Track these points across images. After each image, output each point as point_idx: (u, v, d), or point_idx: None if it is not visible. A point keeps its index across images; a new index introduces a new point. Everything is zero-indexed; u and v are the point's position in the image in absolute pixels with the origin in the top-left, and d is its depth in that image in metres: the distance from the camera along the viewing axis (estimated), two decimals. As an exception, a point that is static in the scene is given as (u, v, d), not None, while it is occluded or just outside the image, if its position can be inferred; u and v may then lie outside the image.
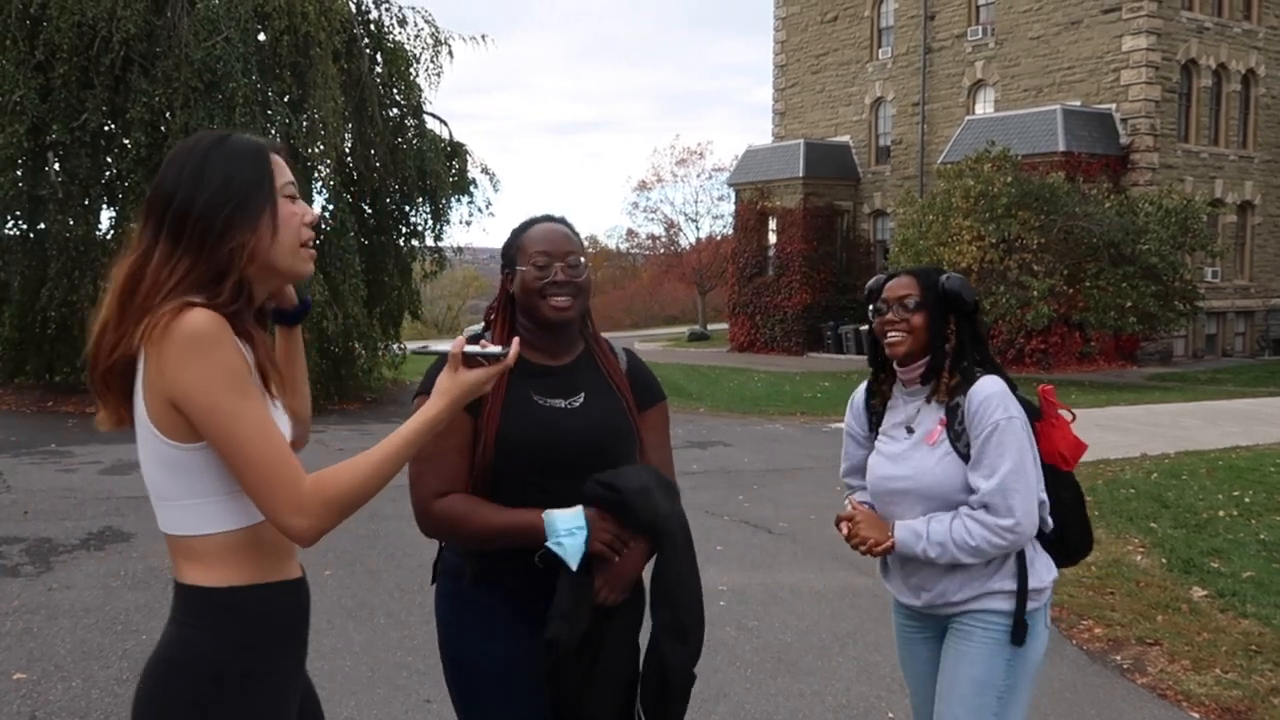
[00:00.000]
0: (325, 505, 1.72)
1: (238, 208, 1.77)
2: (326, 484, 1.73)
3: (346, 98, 16.34)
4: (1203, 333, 29.38)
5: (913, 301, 2.71)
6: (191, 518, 1.79)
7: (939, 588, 2.73)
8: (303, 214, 1.86)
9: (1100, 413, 16.11)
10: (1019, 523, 2.59)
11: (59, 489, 9.07)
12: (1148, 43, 27.33)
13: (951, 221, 22.46)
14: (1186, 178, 28.20)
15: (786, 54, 36.38)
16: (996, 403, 2.63)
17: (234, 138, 1.85)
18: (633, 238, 56.01)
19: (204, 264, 1.75)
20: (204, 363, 1.68)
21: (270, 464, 1.70)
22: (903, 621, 2.96)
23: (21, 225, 16.04)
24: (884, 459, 2.81)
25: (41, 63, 14.50)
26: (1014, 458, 2.60)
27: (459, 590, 2.42)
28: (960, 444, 2.66)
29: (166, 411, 1.73)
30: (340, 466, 1.75)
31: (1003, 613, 2.69)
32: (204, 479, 1.76)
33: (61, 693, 4.52)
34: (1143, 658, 5.15)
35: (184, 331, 1.68)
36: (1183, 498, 8.65)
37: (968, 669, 2.69)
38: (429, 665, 4.76)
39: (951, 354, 2.71)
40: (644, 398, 2.52)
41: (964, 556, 2.62)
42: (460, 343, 1.91)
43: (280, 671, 1.86)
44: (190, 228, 1.76)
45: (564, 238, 2.40)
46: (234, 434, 1.69)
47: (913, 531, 2.67)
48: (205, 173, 1.79)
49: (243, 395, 1.70)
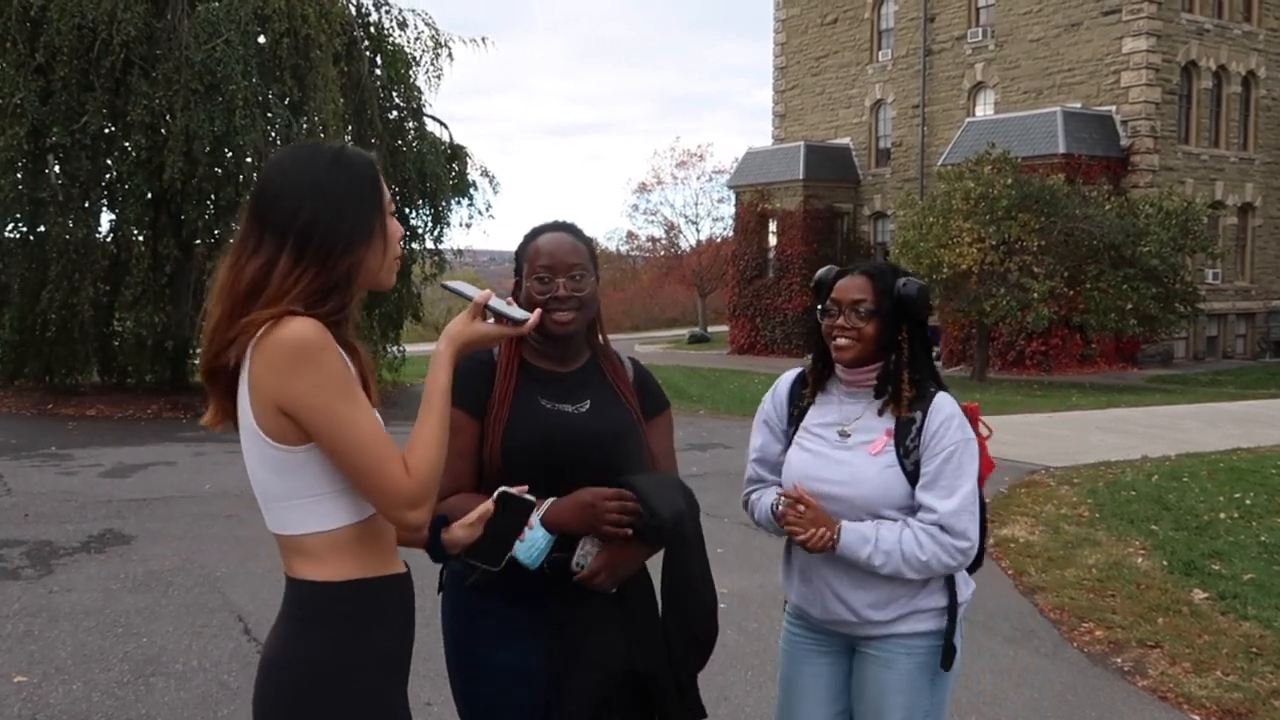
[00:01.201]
0: (424, 488, 1.81)
1: (358, 227, 1.84)
2: (416, 466, 1.81)
3: (346, 100, 16.34)
4: (1203, 335, 29.39)
5: (866, 308, 2.58)
6: (302, 516, 1.84)
7: (859, 601, 2.58)
8: (396, 230, 1.93)
9: (1101, 415, 16.11)
10: (972, 545, 2.53)
11: (59, 492, 9.07)
12: (1148, 44, 27.35)
13: (952, 223, 22.46)
14: (1187, 180, 28.22)
15: (786, 56, 36.40)
16: (957, 423, 2.57)
17: (349, 152, 1.89)
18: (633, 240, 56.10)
19: (324, 277, 1.81)
20: (314, 370, 1.74)
21: (384, 463, 1.77)
22: (796, 633, 2.77)
23: (22, 228, 16.04)
24: (810, 457, 2.65)
25: (42, 65, 14.50)
26: (972, 480, 2.56)
27: (462, 598, 2.41)
28: (909, 460, 2.55)
29: (274, 416, 1.77)
30: (412, 445, 1.83)
31: (926, 634, 2.59)
32: (312, 478, 1.81)
33: (62, 695, 4.52)
34: (1143, 660, 5.15)
35: (291, 340, 1.73)
36: (1183, 500, 8.65)
37: (895, 698, 2.58)
38: (429, 668, 4.75)
39: (906, 364, 2.60)
40: (650, 405, 2.52)
41: (908, 570, 2.51)
42: (487, 294, 1.95)
43: (387, 663, 1.89)
44: (316, 242, 1.81)
45: (569, 249, 2.38)
46: (349, 437, 1.76)
47: (861, 535, 2.51)
48: (329, 189, 1.83)
49: (353, 400, 1.77)
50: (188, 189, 14.50)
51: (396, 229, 1.91)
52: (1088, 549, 7.20)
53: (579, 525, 2.25)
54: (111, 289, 15.80)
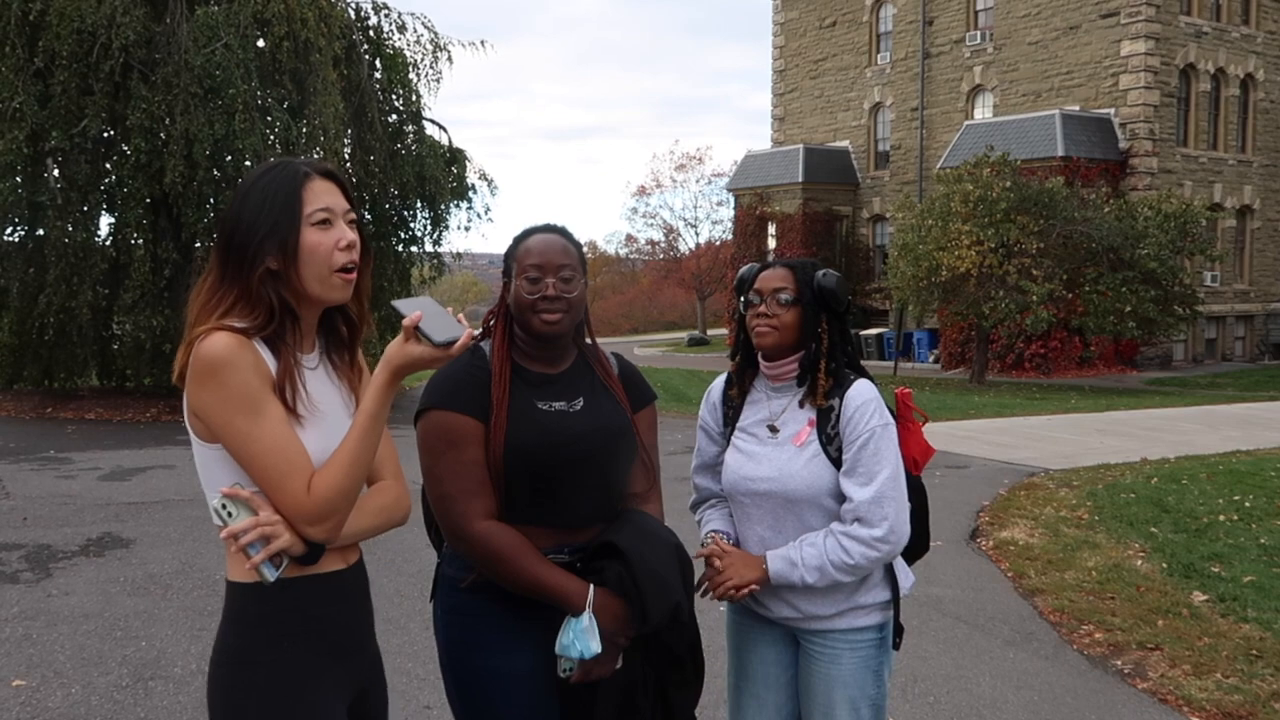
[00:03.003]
0: (323, 505, 1.88)
1: (266, 237, 1.90)
2: (318, 486, 1.88)
3: (346, 104, 16.34)
4: (1202, 337, 29.42)
5: (786, 296, 2.61)
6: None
7: (807, 607, 2.62)
8: (337, 240, 1.94)
9: (1100, 417, 16.11)
10: (892, 530, 2.52)
11: (58, 495, 9.06)
12: (1146, 47, 27.39)
13: (951, 226, 22.49)
14: (1185, 182, 28.25)
15: (785, 59, 36.44)
16: (873, 408, 2.58)
17: (277, 168, 1.97)
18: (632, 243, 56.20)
19: (242, 289, 1.91)
20: (216, 385, 1.84)
21: (283, 479, 1.86)
22: (744, 621, 2.78)
23: (20, 231, 16.05)
24: (744, 457, 2.68)
25: (41, 69, 14.51)
26: (891, 465, 2.56)
27: (458, 602, 2.41)
28: (832, 448, 2.58)
29: (193, 418, 1.92)
30: (325, 465, 1.90)
31: (869, 627, 2.64)
32: (224, 473, 1.91)
33: (61, 699, 4.51)
34: (1143, 662, 5.15)
35: (201, 355, 1.85)
36: (1183, 502, 8.65)
37: (842, 691, 2.62)
38: (428, 671, 4.76)
39: (825, 354, 2.62)
40: (636, 398, 2.54)
41: (843, 576, 2.54)
42: (416, 316, 1.93)
43: (303, 664, 1.93)
44: (233, 256, 1.92)
45: (559, 250, 2.38)
46: (248, 451, 1.86)
47: (787, 561, 2.55)
48: (247, 203, 1.93)
49: (253, 414, 1.85)
50: (187, 193, 14.50)
51: (325, 239, 1.92)
52: (1087, 551, 7.19)
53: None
54: (110, 292, 15.79)
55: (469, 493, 2.29)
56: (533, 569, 2.27)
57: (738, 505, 2.71)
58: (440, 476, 2.31)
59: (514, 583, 2.29)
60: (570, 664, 2.28)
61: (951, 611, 5.93)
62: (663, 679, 2.43)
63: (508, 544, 2.27)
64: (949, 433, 13.41)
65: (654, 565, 2.31)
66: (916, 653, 5.06)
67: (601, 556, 2.32)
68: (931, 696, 4.72)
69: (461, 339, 1.93)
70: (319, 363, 2.03)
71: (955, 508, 8.71)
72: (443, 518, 2.33)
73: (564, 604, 2.27)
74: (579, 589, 2.28)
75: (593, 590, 2.28)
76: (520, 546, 2.28)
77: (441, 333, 1.93)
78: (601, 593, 2.28)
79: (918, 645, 5.19)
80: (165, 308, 15.19)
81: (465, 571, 2.38)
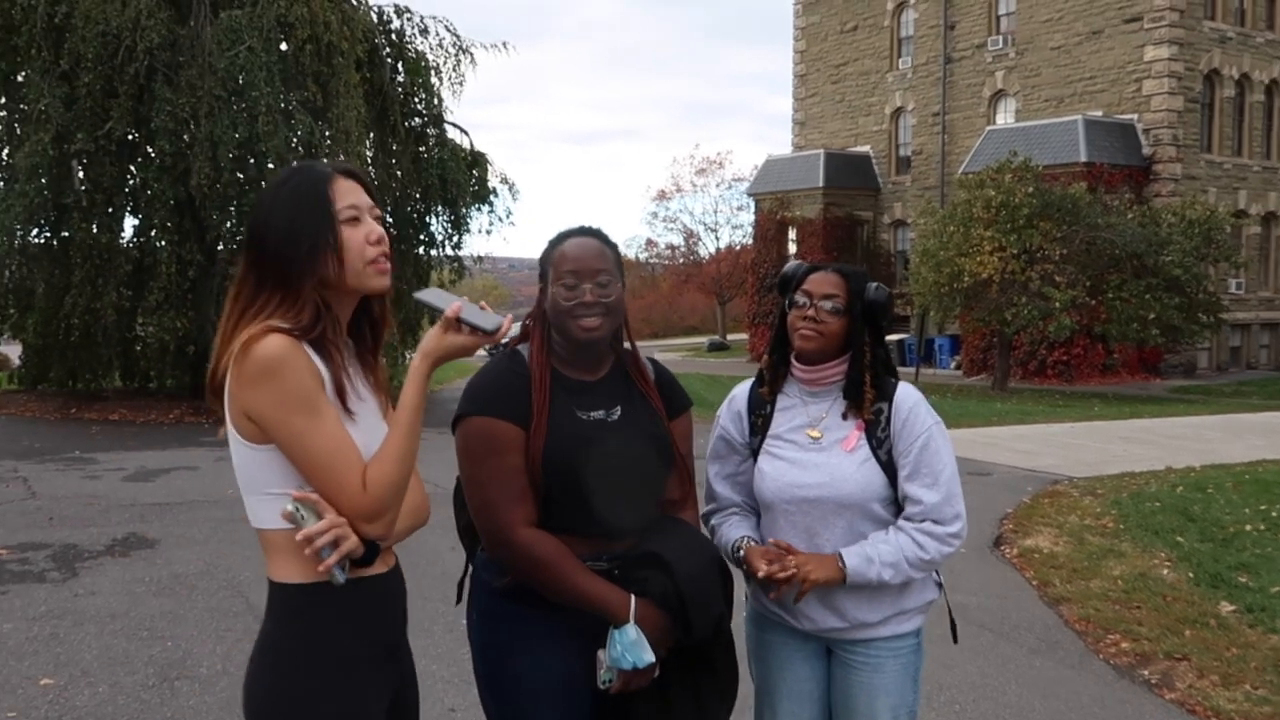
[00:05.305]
0: (378, 503, 1.91)
1: (308, 249, 1.93)
2: (372, 482, 1.90)
3: (368, 107, 16.41)
4: (1226, 345, 29.17)
5: (836, 305, 2.58)
6: (264, 511, 1.94)
7: (849, 603, 2.57)
8: (367, 234, 1.98)
9: (1123, 425, 16.01)
10: (963, 525, 2.57)
11: (83, 495, 9.12)
12: (1170, 53, 27.21)
13: (972, 232, 22.39)
14: (1210, 189, 28.04)
15: (806, 64, 36.38)
16: (924, 409, 2.60)
17: (302, 171, 2.02)
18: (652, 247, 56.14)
19: (287, 290, 1.94)
20: (274, 386, 1.86)
21: (340, 477, 1.88)
22: (773, 639, 2.71)
23: (46, 233, 16.19)
24: (787, 464, 2.62)
25: (66, 72, 14.63)
26: (951, 463, 2.59)
27: (492, 605, 2.41)
28: (882, 451, 2.57)
29: (243, 421, 1.92)
30: (374, 459, 1.93)
31: (908, 634, 2.63)
32: (275, 475, 1.92)
33: (89, 698, 4.54)
34: (1171, 673, 5.10)
35: (256, 356, 1.86)
36: (1209, 511, 8.57)
37: (885, 700, 2.61)
38: (453, 673, 4.76)
39: (869, 368, 2.60)
40: (672, 405, 2.52)
41: (915, 573, 2.54)
42: (458, 306, 1.96)
43: (347, 665, 1.95)
44: (271, 260, 1.95)
45: (596, 255, 2.36)
46: (305, 449, 1.88)
47: (864, 557, 2.50)
48: (275, 214, 1.96)
49: (310, 414, 1.88)
50: (212, 195, 14.59)
51: (356, 235, 1.96)
52: (1112, 560, 7.14)
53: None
54: (134, 294, 15.91)
55: (511, 499, 2.28)
56: (574, 578, 2.26)
57: (772, 514, 2.65)
58: (482, 483, 2.29)
59: (555, 591, 2.28)
60: (610, 674, 2.27)
61: (976, 619, 5.89)
62: (698, 687, 2.42)
63: (550, 552, 2.26)
64: (971, 439, 13.34)
65: (698, 578, 2.30)
66: (942, 660, 5.03)
67: (644, 566, 2.31)
68: (958, 705, 4.69)
69: (504, 324, 1.97)
70: (352, 363, 2.05)
71: (978, 515, 8.65)
72: (484, 525, 2.31)
73: (606, 614, 2.27)
74: (621, 599, 2.27)
75: (634, 601, 2.27)
76: (562, 555, 2.27)
77: (484, 320, 1.96)
78: (643, 603, 2.27)
79: (943, 653, 5.15)
80: (189, 309, 15.29)
81: (500, 576, 2.37)
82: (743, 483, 2.73)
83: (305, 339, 1.91)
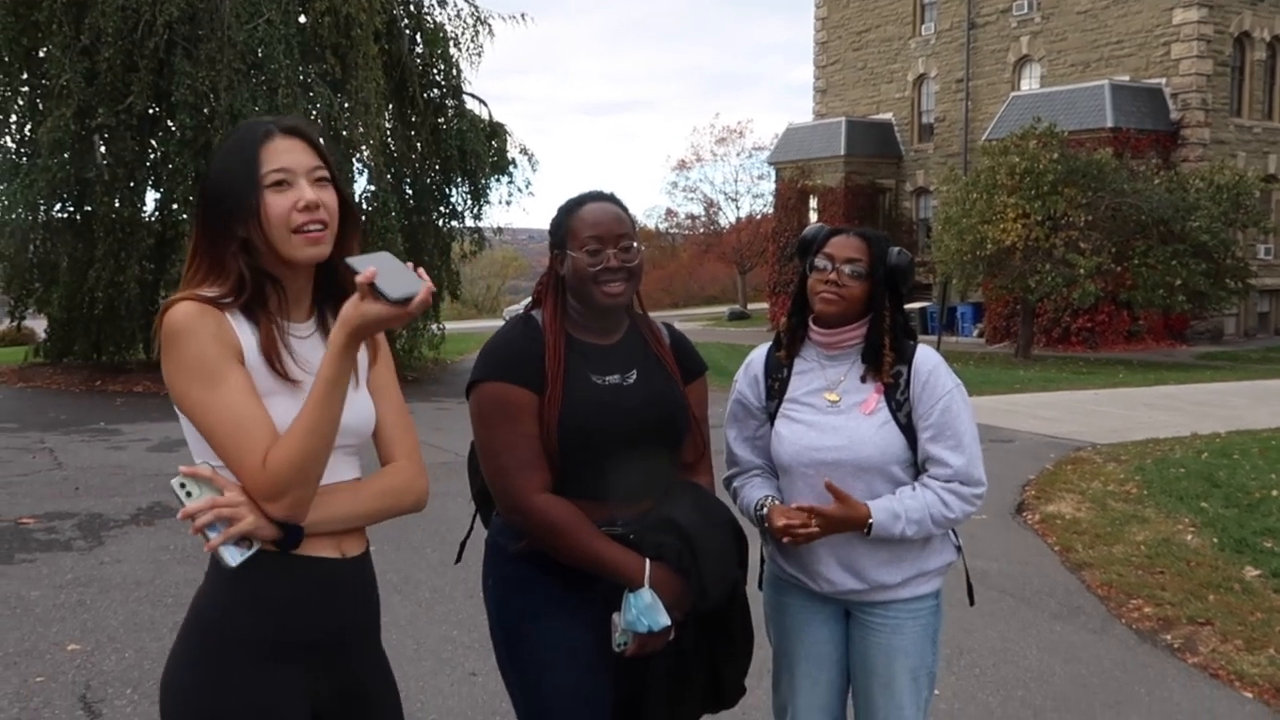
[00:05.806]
0: (277, 482, 1.74)
1: (232, 206, 1.82)
2: (273, 459, 1.75)
3: (387, 79, 16.37)
4: (1254, 311, 28.85)
5: (858, 269, 2.56)
6: None
7: (869, 563, 2.56)
8: (295, 201, 1.81)
9: (1149, 391, 15.88)
10: (985, 487, 2.58)
11: (109, 466, 9.22)
12: (1199, 15, 26.77)
13: (996, 199, 22.18)
14: (1239, 153, 27.64)
15: (828, 30, 36.03)
16: (944, 371, 2.59)
17: (240, 130, 1.89)
18: (672, 217, 55.96)
19: (212, 254, 1.84)
20: (174, 355, 1.78)
21: (238, 453, 1.75)
22: (791, 601, 2.70)
23: (69, 208, 16.29)
24: (804, 428, 2.60)
25: (87, 47, 14.66)
26: (971, 425, 2.58)
27: (508, 571, 2.41)
28: (901, 414, 2.56)
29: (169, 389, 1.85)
30: (282, 436, 1.77)
31: (927, 595, 2.63)
32: (203, 445, 1.83)
33: (115, 663, 4.60)
34: (1194, 637, 5.07)
35: (165, 325, 1.79)
36: (1234, 477, 8.50)
37: (904, 661, 2.61)
38: (473, 639, 4.79)
39: (888, 332, 2.59)
40: (688, 369, 2.52)
41: (936, 530, 2.55)
42: (371, 272, 1.73)
43: (260, 647, 1.82)
44: (202, 220, 1.87)
45: (615, 219, 2.34)
46: (203, 422, 1.78)
47: (890, 512, 2.49)
48: (209, 177, 1.87)
49: (208, 385, 1.76)
50: (232, 168, 14.61)
51: (281, 201, 1.80)
52: (1136, 526, 7.10)
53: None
54: (157, 267, 16.02)
55: (526, 465, 2.27)
56: (590, 543, 2.26)
57: (791, 477, 2.64)
58: (497, 450, 2.29)
59: (570, 556, 2.27)
60: (625, 637, 2.27)
61: (997, 584, 5.88)
62: (714, 651, 2.43)
63: (565, 517, 2.26)
64: (994, 406, 13.28)
65: (713, 542, 2.30)
66: (962, 625, 5.02)
67: (659, 531, 2.29)
68: (978, 669, 4.68)
69: (420, 294, 1.73)
70: (313, 330, 1.92)
71: (1001, 481, 8.61)
72: (499, 490, 2.31)
73: (621, 579, 2.27)
74: (636, 564, 2.26)
75: (649, 565, 2.27)
76: (577, 520, 2.26)
77: (397, 289, 1.72)
78: (658, 567, 2.27)
79: (963, 617, 5.14)
80: (211, 282, 15.36)
81: (515, 541, 2.36)
82: (762, 446, 2.73)
83: (231, 308, 1.80)
